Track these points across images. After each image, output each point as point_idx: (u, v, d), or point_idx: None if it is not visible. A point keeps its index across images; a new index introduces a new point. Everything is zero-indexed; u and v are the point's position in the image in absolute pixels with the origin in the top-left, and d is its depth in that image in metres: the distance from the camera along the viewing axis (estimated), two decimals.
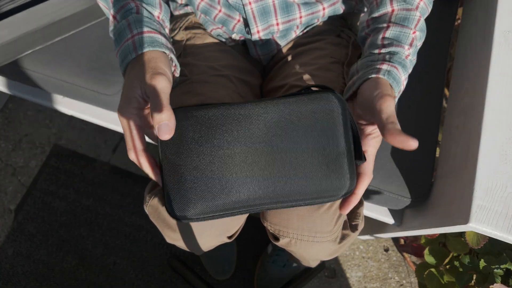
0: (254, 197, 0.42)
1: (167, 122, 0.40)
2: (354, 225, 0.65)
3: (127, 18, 0.50)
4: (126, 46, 0.48)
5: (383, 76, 0.46)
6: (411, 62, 0.51)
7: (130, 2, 0.51)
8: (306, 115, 0.43)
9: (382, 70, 0.47)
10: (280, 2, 0.61)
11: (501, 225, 0.55)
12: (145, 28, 0.48)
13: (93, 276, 1.11)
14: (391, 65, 0.47)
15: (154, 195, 0.66)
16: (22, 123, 1.31)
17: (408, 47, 0.50)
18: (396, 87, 0.47)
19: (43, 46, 0.81)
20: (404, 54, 0.49)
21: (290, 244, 0.61)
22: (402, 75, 0.49)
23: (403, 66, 0.49)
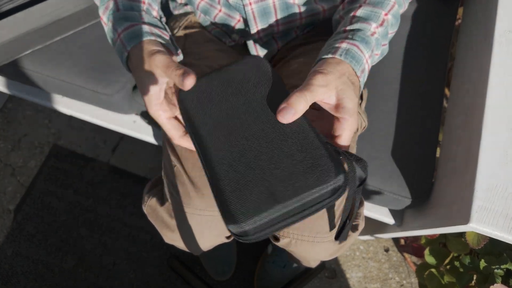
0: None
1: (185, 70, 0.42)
2: (354, 225, 0.65)
3: (110, 19, 0.50)
4: (118, 46, 0.49)
5: (340, 57, 0.44)
6: (378, 42, 0.49)
7: (110, 1, 0.51)
8: None
9: (340, 50, 0.45)
10: (280, 3, 0.61)
11: (501, 225, 0.55)
12: (125, 23, 0.49)
13: (93, 276, 1.11)
14: (350, 43, 0.46)
15: (152, 195, 0.66)
16: (21, 123, 1.31)
17: (377, 26, 0.48)
18: (357, 67, 0.45)
19: (43, 46, 0.80)
20: (369, 31, 0.47)
21: (291, 244, 0.61)
22: (365, 52, 0.46)
23: (366, 43, 0.46)
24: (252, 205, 0.37)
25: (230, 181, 0.39)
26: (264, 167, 0.39)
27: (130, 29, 0.48)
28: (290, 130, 0.40)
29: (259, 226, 0.37)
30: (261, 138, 0.41)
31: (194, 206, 0.58)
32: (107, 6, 0.51)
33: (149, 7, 0.54)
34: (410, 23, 0.84)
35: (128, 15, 0.50)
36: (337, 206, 0.59)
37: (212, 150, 0.41)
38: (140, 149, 1.27)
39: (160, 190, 0.67)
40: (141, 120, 0.92)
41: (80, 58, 0.81)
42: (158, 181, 0.70)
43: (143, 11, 0.52)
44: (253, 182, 0.38)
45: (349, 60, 0.45)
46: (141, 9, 0.52)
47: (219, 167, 0.40)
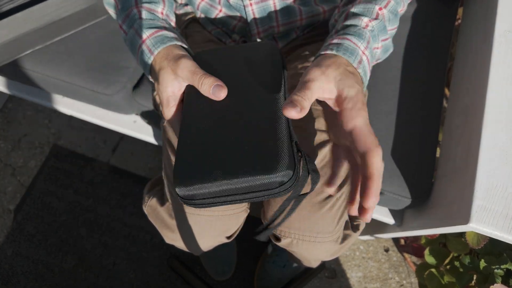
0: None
1: (217, 83, 0.44)
2: (355, 225, 0.65)
3: (133, 27, 0.51)
4: (142, 52, 0.50)
5: (331, 51, 0.44)
6: (375, 35, 0.48)
7: (133, 9, 0.51)
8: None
9: (332, 45, 0.45)
10: (281, 4, 0.61)
11: (501, 225, 0.55)
12: (152, 30, 0.50)
13: (93, 276, 1.11)
14: (342, 37, 0.45)
15: (152, 196, 0.66)
16: (21, 123, 1.31)
17: (370, 19, 0.47)
18: (351, 58, 0.44)
19: (43, 46, 0.80)
20: (362, 25, 0.47)
21: (292, 244, 0.61)
22: (359, 44, 0.45)
23: (358, 35, 0.46)
24: (200, 173, 0.38)
25: (189, 144, 0.41)
26: (226, 140, 0.40)
27: (156, 34, 0.49)
28: (264, 115, 0.41)
29: (201, 194, 0.38)
30: (235, 113, 0.42)
31: None
32: (128, 14, 0.52)
33: (167, 18, 0.54)
34: (410, 23, 0.84)
35: (152, 23, 0.50)
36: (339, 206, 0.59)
37: (188, 117, 0.44)
38: (140, 149, 1.27)
39: (160, 190, 0.67)
40: (141, 120, 0.92)
41: (80, 58, 0.81)
42: (158, 181, 0.70)
43: (163, 21, 0.53)
44: (210, 151, 0.40)
45: (342, 52, 0.44)
46: (162, 19, 0.53)
47: (186, 130, 0.42)
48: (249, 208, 0.66)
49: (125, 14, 0.52)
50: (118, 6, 0.53)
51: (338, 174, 0.46)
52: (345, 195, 0.59)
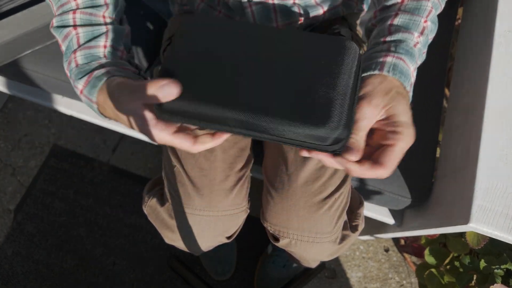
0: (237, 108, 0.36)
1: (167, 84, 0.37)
2: (354, 226, 0.65)
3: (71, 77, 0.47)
4: (86, 102, 0.47)
5: (388, 74, 0.42)
6: (420, 52, 0.47)
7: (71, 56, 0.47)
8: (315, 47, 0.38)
9: (386, 65, 0.43)
10: (280, 4, 0.61)
11: (501, 225, 0.55)
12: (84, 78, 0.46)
13: (93, 276, 1.11)
14: (396, 56, 0.43)
15: (152, 196, 0.66)
16: (21, 123, 1.31)
17: (418, 35, 0.46)
18: (405, 81, 0.43)
19: (43, 46, 0.80)
20: (412, 42, 0.45)
21: (290, 244, 0.61)
22: (411, 66, 0.44)
23: (410, 55, 0.44)
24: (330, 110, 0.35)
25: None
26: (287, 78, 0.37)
27: (89, 81, 0.45)
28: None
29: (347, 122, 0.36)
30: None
31: (194, 206, 0.58)
32: (69, 61, 0.48)
33: (112, 49, 0.49)
34: None
35: (84, 69, 0.46)
36: (338, 206, 0.59)
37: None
38: (140, 149, 1.27)
39: (160, 190, 0.67)
40: None
41: None
42: (158, 181, 0.70)
43: (103, 57, 0.48)
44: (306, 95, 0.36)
45: (398, 76, 0.42)
46: (101, 57, 0.48)
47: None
48: (249, 208, 0.66)
49: (67, 61, 0.48)
50: (63, 52, 0.50)
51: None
52: (344, 195, 0.59)
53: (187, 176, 0.58)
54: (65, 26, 0.48)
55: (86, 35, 0.48)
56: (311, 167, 0.56)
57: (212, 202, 0.59)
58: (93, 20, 0.49)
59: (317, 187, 0.56)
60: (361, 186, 0.75)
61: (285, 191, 0.57)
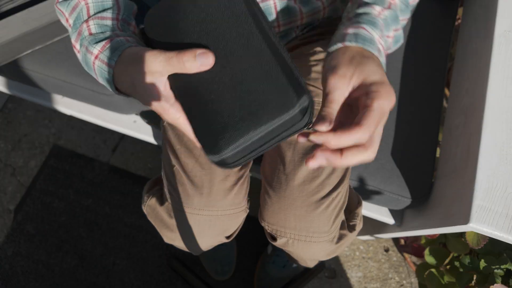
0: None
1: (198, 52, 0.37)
2: (352, 225, 0.65)
3: (83, 44, 0.45)
4: (99, 69, 0.44)
5: (349, 43, 0.42)
6: (387, 24, 0.47)
7: (83, 25, 0.46)
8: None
9: (348, 36, 0.43)
10: (281, 4, 0.61)
11: (501, 225, 0.55)
12: (102, 43, 0.43)
13: (93, 276, 1.11)
14: (356, 26, 0.44)
15: (152, 195, 0.66)
16: (21, 123, 1.31)
17: (382, 8, 0.46)
18: (371, 47, 0.43)
19: (43, 46, 0.80)
20: (374, 14, 0.46)
21: (288, 244, 0.61)
22: (374, 33, 0.44)
23: (372, 24, 0.44)
24: (224, 135, 0.37)
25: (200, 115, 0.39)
26: (233, 97, 0.38)
27: (108, 46, 0.43)
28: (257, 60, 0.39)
29: (233, 155, 0.38)
30: (229, 69, 0.39)
31: (193, 205, 0.58)
32: (80, 31, 0.46)
33: (124, 23, 0.48)
34: (410, 23, 0.84)
35: (102, 37, 0.44)
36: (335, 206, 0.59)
37: (184, 96, 0.40)
38: (140, 149, 1.27)
39: (160, 190, 0.67)
40: (141, 120, 0.92)
41: None
42: (157, 181, 0.70)
43: (117, 29, 0.46)
44: (223, 113, 0.38)
45: (361, 43, 0.42)
46: (115, 28, 0.46)
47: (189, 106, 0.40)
48: (248, 208, 0.66)
49: (77, 32, 0.47)
50: (70, 25, 0.47)
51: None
52: (341, 194, 0.59)
53: (187, 175, 0.58)
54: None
55: (96, 5, 0.46)
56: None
57: (212, 202, 0.59)
58: None
59: (314, 187, 0.56)
60: (361, 186, 0.75)
61: (282, 191, 0.57)
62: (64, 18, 0.48)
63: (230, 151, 0.38)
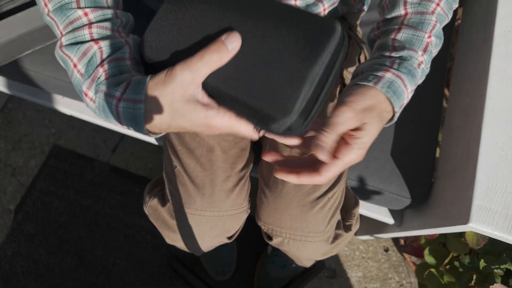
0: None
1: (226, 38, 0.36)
2: (347, 226, 0.65)
3: (101, 89, 0.40)
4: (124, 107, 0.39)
5: (381, 89, 0.41)
6: (423, 71, 0.46)
7: (98, 69, 0.41)
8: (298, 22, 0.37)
9: (383, 80, 0.41)
10: None
11: (501, 225, 0.55)
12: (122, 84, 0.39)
13: (93, 276, 1.11)
14: (396, 74, 0.42)
15: (153, 196, 0.66)
16: (21, 123, 1.31)
17: (422, 53, 0.45)
18: (396, 102, 0.42)
19: (43, 46, 0.80)
20: (417, 61, 0.44)
21: (283, 243, 0.61)
22: (408, 86, 0.43)
23: (412, 75, 0.43)
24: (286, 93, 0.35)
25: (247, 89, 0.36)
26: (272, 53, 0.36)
27: (130, 85, 0.39)
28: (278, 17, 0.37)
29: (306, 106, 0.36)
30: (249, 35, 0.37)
31: (195, 206, 0.58)
32: (94, 78, 0.41)
33: (136, 61, 0.44)
34: None
35: (122, 78, 0.40)
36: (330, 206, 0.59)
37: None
38: (140, 149, 1.27)
39: (161, 191, 0.67)
40: None
41: None
42: (159, 181, 0.70)
43: (132, 70, 0.42)
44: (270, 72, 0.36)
45: (390, 95, 0.41)
46: (130, 69, 0.42)
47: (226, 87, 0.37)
48: (249, 209, 0.66)
49: (90, 78, 0.41)
50: (80, 72, 0.42)
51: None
52: (337, 195, 0.60)
53: (188, 176, 0.58)
54: (82, 42, 0.42)
55: (110, 48, 0.42)
56: None
57: (213, 202, 0.59)
58: (111, 34, 0.43)
59: (310, 187, 0.56)
60: (361, 186, 0.75)
61: (278, 191, 0.58)
62: (71, 64, 0.42)
63: (301, 102, 0.35)
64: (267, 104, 0.36)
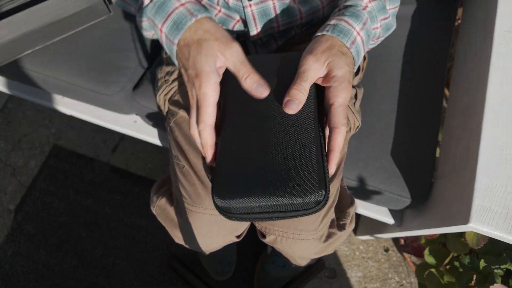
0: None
1: (262, 82, 0.44)
2: (341, 225, 0.65)
3: (148, 15, 0.49)
4: (178, 13, 0.46)
5: (327, 33, 0.47)
6: (373, 16, 0.51)
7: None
8: None
9: (329, 26, 0.47)
10: (280, 4, 0.61)
11: (501, 225, 0.55)
12: (162, 15, 0.47)
13: (93, 276, 1.11)
14: (339, 18, 0.48)
15: (161, 196, 0.66)
16: (21, 123, 1.31)
17: (369, 1, 0.50)
18: (345, 39, 0.47)
19: (43, 46, 0.80)
20: (361, 6, 0.50)
21: (276, 241, 0.61)
22: (355, 25, 0.48)
23: (356, 16, 0.48)
24: (240, 187, 0.39)
25: (232, 153, 0.41)
26: (265, 156, 0.41)
27: (195, 4, 0.47)
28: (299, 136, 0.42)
29: (238, 208, 0.40)
30: (273, 124, 0.43)
31: (204, 205, 0.58)
32: (141, 4, 0.49)
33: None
34: (410, 23, 0.84)
35: (161, 4, 0.47)
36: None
37: (227, 125, 0.44)
38: (140, 149, 1.27)
39: (169, 190, 0.67)
40: (141, 120, 0.92)
41: (80, 58, 0.81)
42: (165, 181, 0.70)
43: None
44: (251, 164, 0.40)
45: (336, 34, 0.46)
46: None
47: (230, 132, 0.43)
48: None
49: (139, 4, 0.50)
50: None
51: None
52: (331, 194, 0.60)
53: (197, 176, 0.58)
54: None
55: None
56: None
57: None
58: None
59: None
60: (361, 186, 0.75)
61: None
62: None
63: (236, 204, 0.39)
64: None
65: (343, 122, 0.44)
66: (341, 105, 0.44)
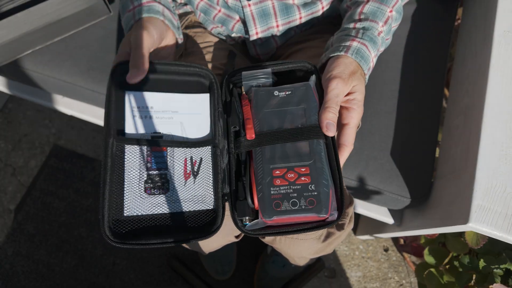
0: None
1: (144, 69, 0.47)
2: (340, 224, 0.65)
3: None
4: (128, 16, 0.53)
5: (351, 56, 0.49)
6: (383, 40, 0.54)
7: None
8: None
9: (351, 48, 0.50)
10: (279, 4, 0.61)
11: (500, 225, 0.55)
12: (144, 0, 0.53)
13: (93, 276, 1.11)
14: (361, 42, 0.51)
15: None
16: (21, 123, 1.31)
17: (382, 24, 0.53)
18: (364, 65, 0.50)
19: (43, 46, 0.81)
20: (377, 31, 0.52)
21: (275, 241, 0.62)
22: (372, 52, 0.51)
23: (373, 42, 0.51)
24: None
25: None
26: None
27: (146, 5, 0.53)
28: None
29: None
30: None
31: None
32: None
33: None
34: (410, 23, 0.84)
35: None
36: None
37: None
38: None
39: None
40: None
41: (80, 58, 0.81)
42: None
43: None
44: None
45: (359, 59, 0.50)
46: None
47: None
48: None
49: None
50: None
51: None
52: None
53: None
54: None
55: None
56: None
57: None
58: None
59: None
60: (361, 186, 0.75)
61: None
62: None
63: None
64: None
65: (353, 142, 0.48)
66: (354, 126, 0.48)
